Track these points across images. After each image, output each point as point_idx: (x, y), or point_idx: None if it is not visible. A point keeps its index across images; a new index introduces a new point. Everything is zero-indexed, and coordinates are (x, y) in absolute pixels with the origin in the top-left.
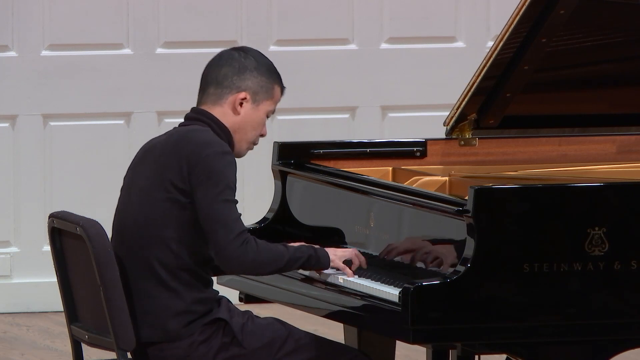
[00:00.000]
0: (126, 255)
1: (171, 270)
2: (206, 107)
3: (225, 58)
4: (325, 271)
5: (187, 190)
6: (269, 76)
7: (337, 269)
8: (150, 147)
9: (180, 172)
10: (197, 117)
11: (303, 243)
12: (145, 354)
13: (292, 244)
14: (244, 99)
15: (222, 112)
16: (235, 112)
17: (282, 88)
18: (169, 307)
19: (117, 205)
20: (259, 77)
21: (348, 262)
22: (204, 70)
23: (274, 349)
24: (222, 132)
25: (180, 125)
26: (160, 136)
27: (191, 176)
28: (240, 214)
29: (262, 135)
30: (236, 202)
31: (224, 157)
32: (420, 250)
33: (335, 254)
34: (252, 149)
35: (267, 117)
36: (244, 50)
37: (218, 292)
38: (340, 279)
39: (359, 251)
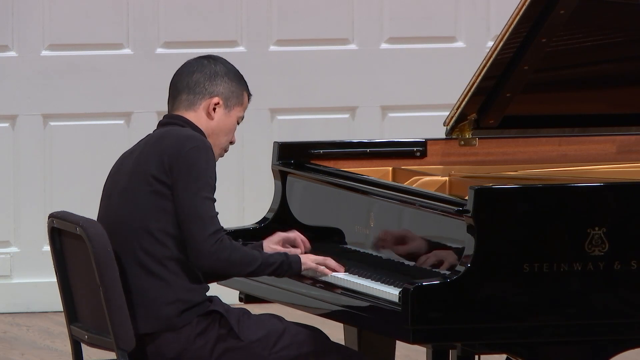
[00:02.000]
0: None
1: (158, 260)
2: (180, 113)
3: (196, 65)
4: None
5: (169, 183)
6: (238, 82)
7: (312, 271)
8: (129, 153)
9: (161, 165)
10: (172, 121)
11: (273, 239)
12: (144, 352)
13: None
14: (217, 104)
15: (196, 116)
16: (209, 117)
17: (249, 95)
18: (160, 297)
19: (99, 212)
20: (230, 82)
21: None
22: (173, 78)
23: (271, 343)
24: (199, 133)
25: (155, 131)
26: (137, 143)
27: (172, 169)
28: (218, 213)
29: (231, 143)
30: (214, 200)
31: (206, 153)
32: (419, 249)
33: (308, 258)
34: (222, 156)
35: (238, 123)
36: (212, 58)
37: (209, 287)
38: (321, 277)
39: (351, 249)
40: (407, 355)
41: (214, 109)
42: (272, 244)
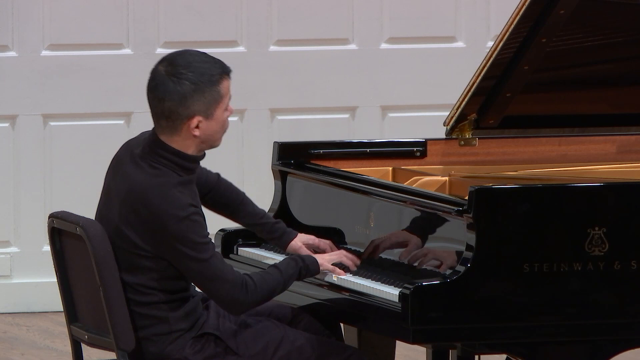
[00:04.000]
0: None
1: (146, 304)
2: (165, 138)
3: (162, 90)
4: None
5: (150, 250)
6: (210, 84)
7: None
8: (121, 172)
9: (142, 235)
10: (158, 152)
11: (307, 242)
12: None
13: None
14: (199, 122)
15: (181, 140)
16: (194, 136)
17: (228, 74)
18: (153, 333)
19: (98, 212)
20: (202, 95)
21: (339, 265)
22: (147, 95)
23: (270, 353)
24: (187, 161)
25: (145, 150)
26: (132, 158)
27: (159, 243)
28: (221, 255)
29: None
30: (213, 245)
31: (188, 220)
32: (419, 249)
33: (324, 258)
34: (225, 131)
35: (227, 108)
36: (175, 75)
37: (199, 295)
38: (335, 277)
39: (351, 249)
40: (407, 355)
41: (197, 126)
42: (300, 241)
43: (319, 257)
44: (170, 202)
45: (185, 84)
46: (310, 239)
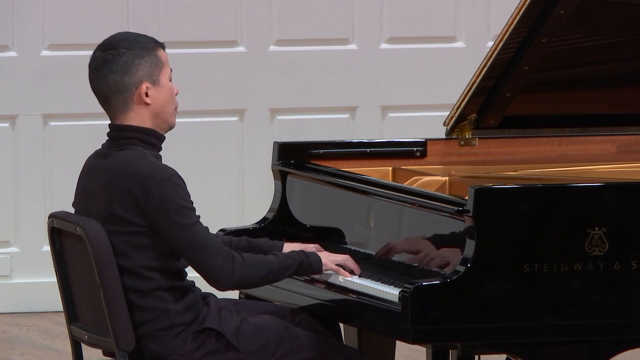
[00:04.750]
0: None
1: (147, 293)
2: (121, 120)
3: (102, 67)
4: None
5: (142, 223)
6: (147, 51)
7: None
8: (94, 171)
9: (129, 208)
10: (120, 135)
11: (294, 249)
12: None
13: (282, 252)
14: (147, 88)
15: (136, 115)
16: (146, 105)
17: (162, 46)
18: (154, 328)
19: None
20: (142, 60)
21: (341, 267)
22: (91, 85)
23: (270, 350)
24: (150, 136)
25: (109, 144)
26: (99, 156)
27: (145, 211)
28: (207, 227)
29: (176, 94)
30: (199, 217)
31: (170, 181)
32: (420, 251)
33: (328, 258)
34: (177, 112)
35: (171, 79)
36: (112, 48)
37: (200, 290)
38: (341, 279)
39: (351, 250)
40: (407, 355)
41: (147, 94)
42: (289, 249)
43: (324, 257)
44: (149, 168)
45: (123, 52)
46: (297, 246)
